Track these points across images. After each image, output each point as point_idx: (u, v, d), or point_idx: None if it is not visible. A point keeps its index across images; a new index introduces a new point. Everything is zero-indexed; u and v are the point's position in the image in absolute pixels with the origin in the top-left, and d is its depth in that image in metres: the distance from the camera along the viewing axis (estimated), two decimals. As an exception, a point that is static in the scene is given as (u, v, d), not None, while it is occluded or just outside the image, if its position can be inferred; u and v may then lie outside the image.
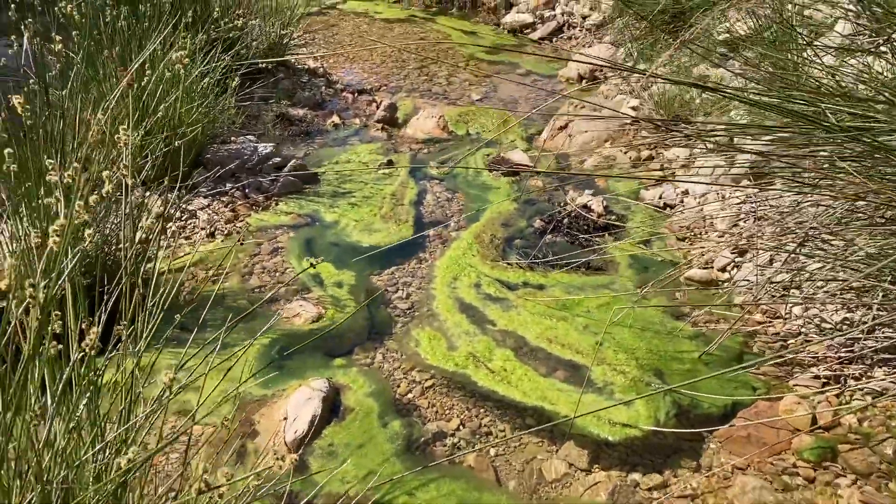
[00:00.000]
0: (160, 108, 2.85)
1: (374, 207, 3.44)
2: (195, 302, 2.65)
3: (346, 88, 4.97)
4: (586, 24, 5.71)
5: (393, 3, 6.94)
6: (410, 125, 4.30)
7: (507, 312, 2.73)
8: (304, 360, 2.52)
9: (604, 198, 3.40)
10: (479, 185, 3.65)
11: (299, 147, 4.07)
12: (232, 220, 3.25)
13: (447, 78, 5.23)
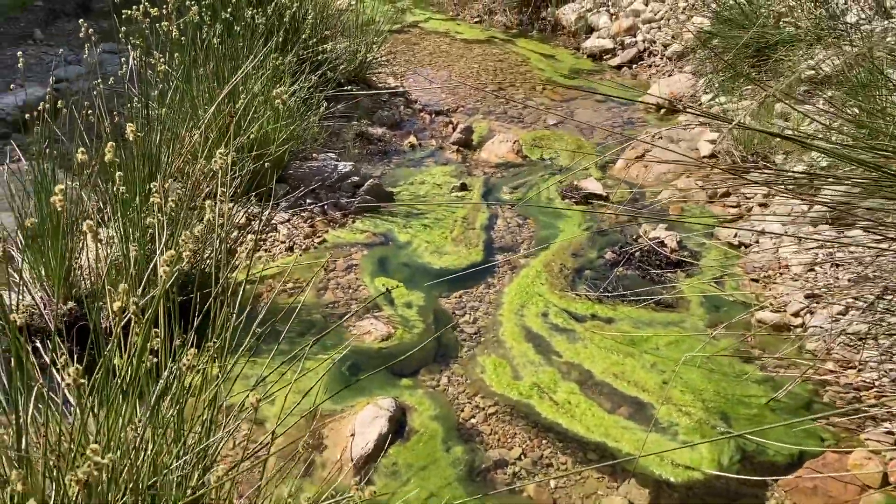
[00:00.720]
0: (251, 127, 2.98)
1: (446, 230, 3.51)
2: (273, 314, 2.76)
3: (423, 109, 5.07)
4: (667, 53, 5.68)
5: (474, 23, 7.03)
6: (485, 148, 4.37)
7: (573, 344, 2.76)
8: (373, 378, 2.59)
9: (678, 233, 3.40)
10: (551, 212, 3.69)
11: (377, 166, 4.18)
12: (310, 235, 3.37)
13: (523, 101, 5.28)
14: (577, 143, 4.55)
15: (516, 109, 5.16)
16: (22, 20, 6.87)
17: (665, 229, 3.45)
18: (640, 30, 6.03)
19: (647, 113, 5.04)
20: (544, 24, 6.75)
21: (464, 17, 7.21)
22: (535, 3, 6.81)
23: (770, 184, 2.32)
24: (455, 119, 4.89)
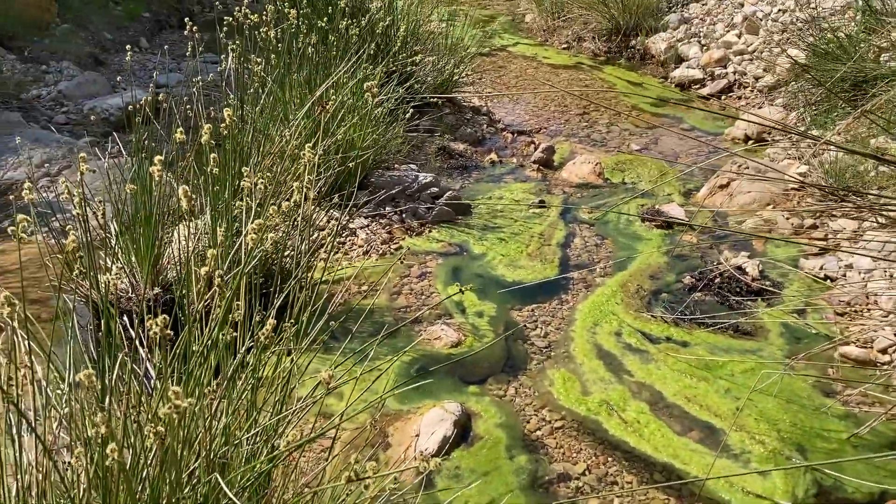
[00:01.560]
0: (339, 131, 3.06)
1: (522, 244, 3.51)
2: (346, 313, 2.81)
3: (506, 128, 5.11)
4: (758, 86, 5.57)
5: (562, 50, 7.05)
6: (566, 168, 4.36)
7: (646, 365, 2.71)
8: (440, 382, 2.60)
9: (760, 261, 3.30)
10: (630, 234, 3.64)
11: (456, 180, 4.22)
12: (387, 241, 3.42)
13: (607, 126, 5.25)
14: (660, 169, 4.49)
15: (600, 133, 5.14)
16: (131, 29, 7.25)
17: (747, 257, 3.36)
18: (732, 61, 5.93)
19: (734, 144, 4.94)
20: (633, 52, 6.71)
21: (552, 44, 7.24)
22: (624, 32, 6.79)
23: (862, 209, 2.24)
24: (537, 139, 4.90)
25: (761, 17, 6.15)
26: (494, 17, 8.29)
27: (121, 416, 1.40)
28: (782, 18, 6.00)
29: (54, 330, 1.70)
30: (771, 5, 6.24)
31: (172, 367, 1.55)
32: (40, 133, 4.23)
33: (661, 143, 4.98)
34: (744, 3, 6.57)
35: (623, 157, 4.69)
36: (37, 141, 4.09)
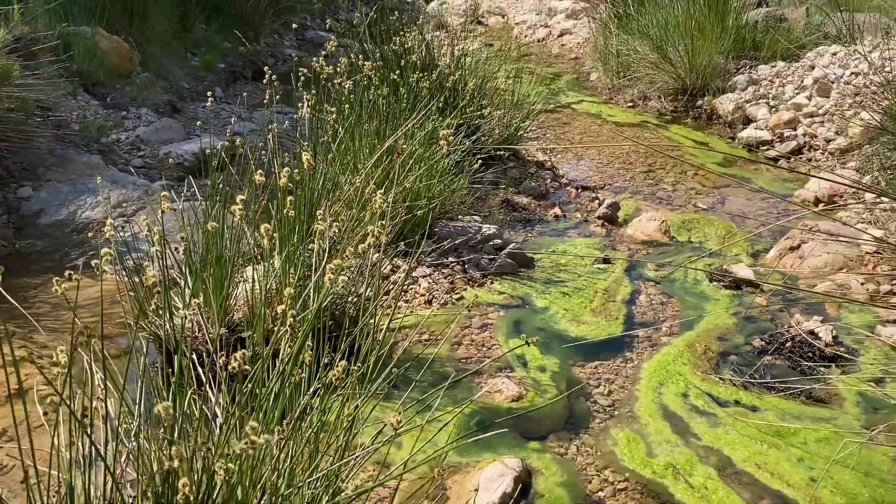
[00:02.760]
0: (406, 180, 3.10)
1: (585, 300, 3.46)
2: (407, 361, 2.79)
3: (570, 183, 5.10)
4: (829, 148, 5.46)
5: (626, 108, 7.06)
6: (631, 225, 4.31)
7: (714, 428, 2.61)
8: (501, 437, 2.55)
9: (833, 326, 3.19)
10: (697, 293, 3.56)
11: (519, 232, 4.21)
12: (449, 291, 3.42)
13: (673, 184, 5.20)
14: (727, 229, 4.41)
15: (665, 191, 5.09)
16: (206, 79, 7.54)
17: (819, 321, 3.24)
18: (801, 123, 5.84)
19: (804, 206, 4.82)
20: (699, 112, 6.68)
21: (617, 102, 7.25)
22: (690, 92, 6.76)
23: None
24: (601, 195, 4.88)
25: (832, 80, 6.06)
26: (559, 75, 8.37)
27: (190, 453, 1.41)
28: (855, 81, 5.90)
29: (128, 366, 1.73)
30: (843, 68, 6.15)
31: (240, 406, 1.55)
32: (118, 175, 4.39)
33: (729, 203, 4.89)
34: (814, 65, 6.49)
35: (689, 215, 4.62)
36: (114, 182, 4.24)
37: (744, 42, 7.10)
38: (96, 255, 3.71)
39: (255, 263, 3.08)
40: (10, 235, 3.80)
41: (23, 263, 3.60)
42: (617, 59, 7.47)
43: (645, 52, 7.08)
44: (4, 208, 3.99)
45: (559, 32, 10.08)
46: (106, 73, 6.13)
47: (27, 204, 4.05)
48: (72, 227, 3.89)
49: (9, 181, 4.18)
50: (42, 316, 3.17)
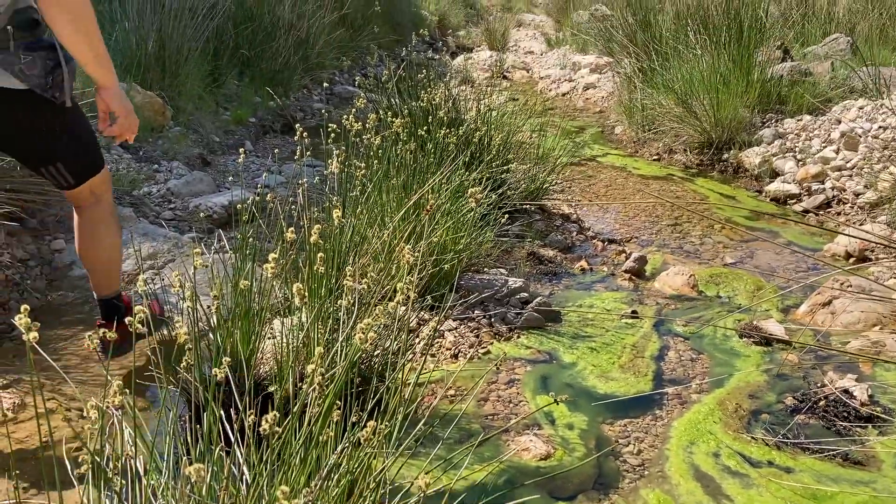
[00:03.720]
0: (433, 234, 3.12)
1: (614, 356, 3.43)
2: (433, 417, 2.77)
3: (596, 236, 5.09)
4: (858, 202, 5.42)
5: (652, 161, 7.08)
6: (658, 279, 4.28)
7: (747, 490, 2.55)
8: (528, 496, 2.51)
9: (869, 385, 3.12)
10: (727, 350, 3.51)
11: (545, 286, 4.20)
12: (475, 345, 3.40)
13: (700, 238, 5.17)
14: (756, 284, 4.36)
15: (692, 245, 5.06)
16: (237, 133, 7.70)
17: (854, 380, 3.17)
18: (829, 177, 5.81)
19: (833, 260, 4.77)
20: (725, 165, 6.68)
21: (642, 155, 7.28)
22: (716, 145, 6.77)
23: None
24: (628, 248, 4.86)
25: (860, 134, 6.05)
26: (584, 128, 8.44)
27: None
28: (883, 135, 5.88)
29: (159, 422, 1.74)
30: (870, 122, 6.13)
31: (267, 465, 1.54)
32: (149, 227, 4.46)
33: (757, 258, 4.85)
34: (841, 119, 6.49)
35: (717, 269, 4.58)
36: (145, 235, 4.31)
37: (769, 96, 7.12)
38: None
39: (283, 316, 3.10)
40: (43, 287, 3.86)
41: (54, 315, 3.65)
42: (642, 113, 7.53)
43: (669, 106, 7.12)
44: (38, 260, 4.06)
45: (583, 86, 10.19)
46: (140, 127, 6.27)
47: (60, 256, 4.12)
48: (103, 279, 3.93)
49: (44, 234, 4.27)
50: (72, 368, 3.20)
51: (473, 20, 23.54)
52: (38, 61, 2.26)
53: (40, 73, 2.26)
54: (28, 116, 2.37)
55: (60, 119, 2.45)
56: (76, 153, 2.59)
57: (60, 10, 2.15)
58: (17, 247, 4.07)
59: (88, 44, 2.27)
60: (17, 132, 2.44)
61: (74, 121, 2.55)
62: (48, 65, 2.27)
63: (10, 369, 3.19)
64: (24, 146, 2.53)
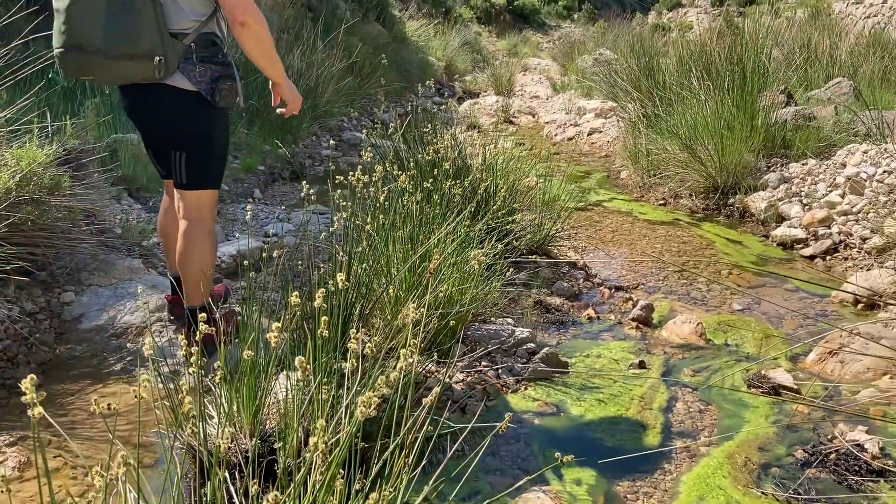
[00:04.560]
0: (440, 287, 3.13)
1: (622, 407, 3.41)
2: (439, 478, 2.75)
3: (602, 283, 5.09)
4: (865, 247, 5.41)
5: (658, 206, 7.11)
6: (666, 328, 4.27)
7: (758, 548, 2.51)
8: (536, 556, 2.48)
9: (880, 438, 3.08)
10: (736, 400, 3.49)
11: (553, 335, 4.19)
12: (482, 398, 3.38)
13: (707, 284, 5.17)
14: (764, 332, 4.34)
15: (700, 291, 5.05)
16: (246, 181, 7.78)
17: (864, 432, 3.14)
18: (835, 221, 5.81)
19: (842, 307, 4.75)
20: (731, 209, 6.69)
21: (648, 199, 7.31)
22: (722, 190, 6.80)
23: None
24: (635, 296, 4.86)
25: (865, 178, 6.07)
26: (590, 173, 8.50)
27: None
28: (888, 180, 5.90)
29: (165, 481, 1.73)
30: (875, 166, 6.16)
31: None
32: (157, 279, 4.49)
33: (765, 304, 4.84)
34: (846, 163, 6.52)
35: (725, 317, 4.57)
36: (154, 287, 4.34)
37: (773, 140, 7.17)
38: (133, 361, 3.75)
39: (289, 370, 3.10)
40: (52, 341, 3.88)
41: (62, 369, 3.67)
42: (647, 158, 7.58)
43: (674, 151, 7.17)
44: (47, 313, 4.08)
45: (588, 131, 10.28)
46: (149, 177, 6.36)
47: (69, 309, 4.14)
48: (111, 332, 3.96)
49: (53, 286, 4.30)
50: (78, 424, 3.21)
51: (480, 65, 23.86)
52: (208, 71, 3.09)
53: (208, 80, 3.09)
54: (188, 111, 3.16)
55: (209, 122, 3.22)
56: (200, 154, 3.27)
57: (249, 37, 3.02)
58: (27, 300, 4.10)
59: (267, 59, 3.15)
60: (171, 121, 3.20)
61: (217, 131, 3.29)
62: (215, 75, 3.09)
63: (17, 425, 3.20)
64: (168, 131, 3.25)
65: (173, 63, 3.04)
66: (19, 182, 3.66)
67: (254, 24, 2.98)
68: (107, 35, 2.92)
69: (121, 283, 4.42)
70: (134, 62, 2.99)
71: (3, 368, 3.58)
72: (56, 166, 3.94)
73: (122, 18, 2.91)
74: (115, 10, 2.91)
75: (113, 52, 2.95)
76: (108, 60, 2.99)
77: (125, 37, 2.94)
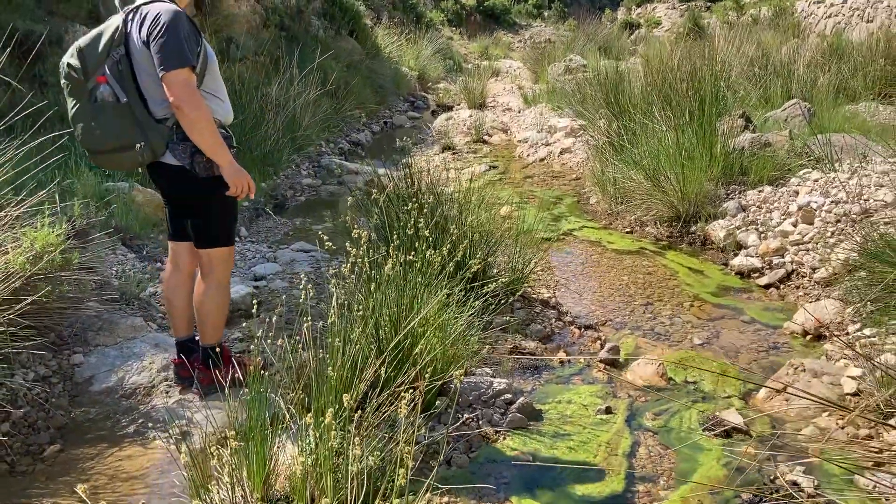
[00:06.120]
0: (424, 358, 3.49)
1: (590, 454, 3.80)
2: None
3: (574, 321, 5.49)
4: (815, 277, 5.85)
5: (625, 234, 7.52)
6: (630, 369, 4.67)
7: (706, 589, 2.91)
8: None
9: (816, 477, 3.50)
10: (692, 444, 3.89)
11: (528, 380, 4.58)
12: (466, 451, 3.76)
13: (670, 318, 5.58)
14: (721, 367, 4.76)
15: (663, 325, 5.46)
16: (232, 217, 8.06)
17: (802, 472, 3.56)
18: (789, 251, 6.25)
19: (793, 338, 5.19)
20: (693, 237, 7.11)
21: (615, 227, 7.72)
22: (684, 218, 7.22)
23: None
24: (603, 334, 5.26)
25: (815, 208, 6.50)
26: (561, 199, 8.89)
27: None
28: (836, 210, 6.34)
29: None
30: (824, 196, 6.61)
31: None
32: (160, 338, 4.81)
33: (723, 337, 5.26)
34: (798, 191, 6.96)
35: (685, 353, 4.99)
36: (157, 346, 4.66)
37: (732, 168, 7.60)
38: (145, 423, 4.08)
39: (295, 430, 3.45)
40: (66, 404, 4.19)
41: (79, 432, 3.98)
42: (614, 186, 7.99)
43: (639, 181, 7.59)
44: (60, 377, 4.39)
45: (559, 150, 10.68)
46: (141, 225, 6.65)
47: (79, 370, 4.46)
48: (121, 394, 4.28)
49: (63, 349, 4.61)
50: (100, 488, 3.53)
51: (452, 71, 24.16)
52: (188, 148, 3.57)
53: (188, 155, 3.58)
54: (183, 184, 3.70)
55: (204, 191, 3.67)
56: (200, 219, 3.79)
57: (185, 122, 3.45)
58: (39, 363, 4.40)
59: (203, 141, 3.49)
60: (177, 194, 3.83)
61: (215, 198, 3.70)
62: (192, 150, 3.57)
63: (45, 492, 3.53)
64: (178, 202, 3.89)
65: (160, 146, 3.58)
66: (33, 261, 3.97)
67: (189, 111, 3.38)
68: (93, 136, 3.55)
69: (125, 342, 4.74)
70: (121, 153, 3.60)
71: (26, 435, 3.90)
72: (64, 242, 4.24)
73: (101, 120, 3.50)
74: (96, 115, 3.50)
75: (103, 149, 3.61)
76: (103, 155, 3.66)
77: (108, 135, 3.53)
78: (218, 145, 3.52)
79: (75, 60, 3.50)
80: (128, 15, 3.55)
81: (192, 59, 3.41)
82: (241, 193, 3.68)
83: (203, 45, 3.58)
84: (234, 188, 3.63)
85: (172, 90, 3.36)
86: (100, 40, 3.51)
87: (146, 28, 3.45)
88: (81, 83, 3.50)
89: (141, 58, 3.48)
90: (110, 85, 3.46)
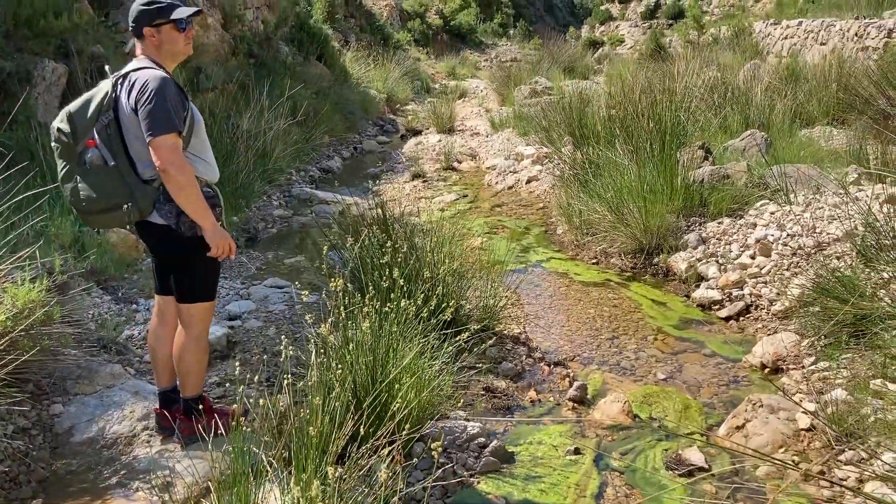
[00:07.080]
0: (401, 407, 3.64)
1: (560, 496, 3.97)
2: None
3: (543, 357, 5.67)
4: (772, 310, 6.11)
5: (591, 265, 7.74)
6: (598, 408, 4.86)
7: None
8: None
9: (772, 515, 3.71)
10: (656, 483, 4.08)
11: (500, 422, 4.75)
12: (441, 497, 3.91)
13: (635, 352, 5.79)
14: (684, 403, 4.97)
15: (628, 360, 5.67)
16: (204, 252, 8.12)
17: (760, 510, 3.77)
18: (748, 283, 6.50)
19: (752, 371, 5.42)
20: (656, 269, 7.35)
21: (582, 258, 7.94)
22: (647, 250, 7.47)
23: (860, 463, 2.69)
24: (572, 370, 5.45)
25: (772, 241, 6.78)
26: (529, 229, 9.10)
27: None
28: (791, 243, 6.62)
29: None
30: (780, 229, 6.89)
31: None
32: (139, 385, 4.89)
33: (685, 371, 5.48)
34: (756, 223, 7.24)
35: (650, 388, 5.19)
36: (136, 394, 4.74)
37: (692, 200, 7.86)
38: (127, 474, 4.15)
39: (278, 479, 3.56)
40: (48, 457, 4.25)
41: (61, 486, 4.05)
42: (580, 217, 8.21)
43: (603, 213, 7.82)
44: (39, 428, 4.45)
45: (527, 178, 10.91)
46: (115, 266, 6.71)
47: (59, 421, 4.52)
48: (102, 444, 4.35)
49: (42, 398, 4.67)
50: (86, 544, 3.61)
51: (420, 93, 24.39)
52: (173, 208, 3.68)
53: (174, 215, 3.70)
54: (168, 243, 3.83)
55: (187, 249, 3.79)
56: (183, 276, 3.91)
57: (170, 184, 3.57)
58: (18, 415, 4.46)
59: (188, 204, 3.60)
60: (163, 252, 3.96)
61: (195, 258, 3.81)
62: (178, 211, 3.67)
63: (30, 549, 3.60)
64: (164, 259, 4.00)
65: (147, 206, 3.70)
66: (14, 318, 4.05)
67: (175, 174, 3.51)
68: (82, 197, 3.70)
69: (105, 390, 4.81)
70: (109, 213, 3.74)
71: (8, 490, 3.96)
72: (45, 295, 4.32)
73: (90, 182, 3.65)
74: (85, 177, 3.65)
75: (91, 209, 3.74)
76: (91, 215, 3.81)
77: (96, 196, 3.67)
78: (202, 208, 3.63)
79: (65, 125, 3.63)
80: (117, 80, 3.68)
81: (178, 125, 3.55)
82: (222, 255, 3.79)
83: (190, 109, 3.72)
84: (215, 249, 3.73)
85: (159, 155, 3.49)
86: (89, 106, 3.63)
87: (134, 94, 3.58)
88: (71, 147, 3.66)
89: (129, 123, 3.61)
90: (99, 149, 3.60)
